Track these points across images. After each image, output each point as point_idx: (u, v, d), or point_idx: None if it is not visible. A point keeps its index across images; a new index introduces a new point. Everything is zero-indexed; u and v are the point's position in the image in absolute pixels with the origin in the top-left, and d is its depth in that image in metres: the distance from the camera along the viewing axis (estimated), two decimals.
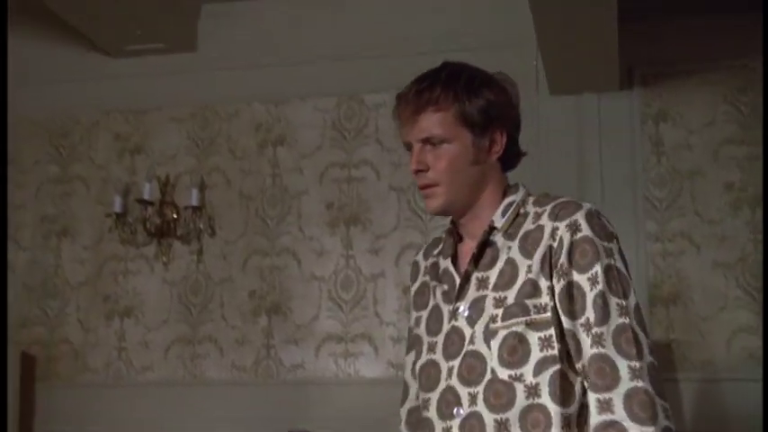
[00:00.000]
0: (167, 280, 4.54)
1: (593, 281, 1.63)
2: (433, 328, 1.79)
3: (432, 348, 1.77)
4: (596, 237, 1.66)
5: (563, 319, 1.64)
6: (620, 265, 1.67)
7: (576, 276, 1.64)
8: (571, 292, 1.64)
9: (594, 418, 1.58)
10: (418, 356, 1.82)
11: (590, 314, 1.62)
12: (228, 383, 4.39)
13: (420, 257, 1.94)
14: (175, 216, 4.51)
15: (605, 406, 1.57)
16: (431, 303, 1.83)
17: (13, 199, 4.75)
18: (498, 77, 1.79)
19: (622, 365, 1.58)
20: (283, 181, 4.54)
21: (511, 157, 1.79)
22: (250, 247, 4.51)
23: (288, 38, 4.64)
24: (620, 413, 1.55)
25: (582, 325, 1.62)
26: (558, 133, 4.27)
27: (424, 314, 1.84)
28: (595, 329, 1.60)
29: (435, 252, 1.88)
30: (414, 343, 1.87)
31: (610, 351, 1.59)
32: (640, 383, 1.56)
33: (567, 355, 1.63)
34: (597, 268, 1.63)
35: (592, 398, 1.59)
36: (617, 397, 1.56)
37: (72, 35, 4.61)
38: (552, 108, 4.29)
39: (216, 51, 4.69)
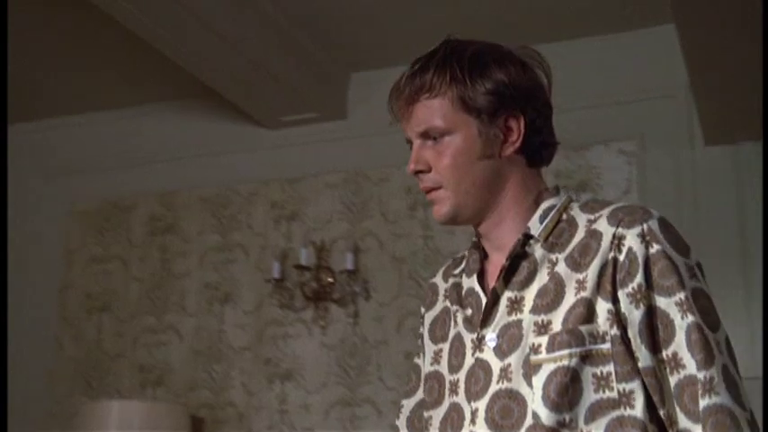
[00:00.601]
0: (325, 343, 4.62)
1: (684, 309, 1.32)
2: (455, 364, 1.46)
3: (453, 389, 1.45)
4: (676, 252, 1.35)
5: (642, 353, 1.32)
6: (705, 288, 1.36)
7: (659, 301, 1.33)
8: (653, 321, 1.33)
9: None
10: (441, 400, 1.49)
11: (679, 350, 1.31)
12: None
13: (438, 279, 1.61)
14: (331, 280, 4.61)
15: None
16: (452, 333, 1.50)
17: (179, 268, 4.97)
18: (519, 53, 1.49)
19: (741, 417, 1.28)
20: (435, 242, 4.57)
21: (539, 149, 1.48)
22: (404, 309, 4.54)
23: None
24: None
25: (664, 361, 1.32)
26: (715, 185, 4.14)
27: (445, 347, 1.51)
28: (703, 373, 1.28)
29: (457, 271, 1.56)
30: (430, 386, 1.53)
31: (726, 400, 1.28)
32: None
33: (645, 398, 1.32)
34: (685, 292, 1.32)
35: None
36: None
37: (231, 110, 4.85)
38: (708, 159, 4.18)
39: (365, 118, 4.80)
